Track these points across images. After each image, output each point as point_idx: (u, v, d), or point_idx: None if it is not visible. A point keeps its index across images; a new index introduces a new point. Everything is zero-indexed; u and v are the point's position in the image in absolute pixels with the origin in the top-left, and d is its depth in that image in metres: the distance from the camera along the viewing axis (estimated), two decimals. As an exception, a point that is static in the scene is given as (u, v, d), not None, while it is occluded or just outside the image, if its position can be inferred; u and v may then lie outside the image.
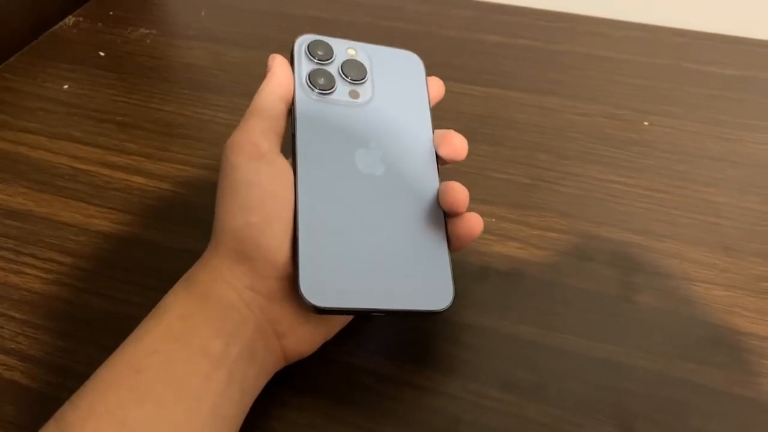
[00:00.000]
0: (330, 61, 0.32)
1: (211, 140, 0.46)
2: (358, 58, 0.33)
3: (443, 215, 0.30)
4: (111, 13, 0.59)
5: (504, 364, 0.33)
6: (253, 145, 0.29)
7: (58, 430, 0.24)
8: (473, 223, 0.30)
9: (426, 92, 0.33)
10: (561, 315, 0.35)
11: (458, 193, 0.30)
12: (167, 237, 0.39)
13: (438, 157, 0.32)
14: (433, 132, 0.32)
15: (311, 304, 0.27)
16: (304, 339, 0.29)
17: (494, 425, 0.30)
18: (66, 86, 0.51)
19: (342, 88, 0.32)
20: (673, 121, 0.48)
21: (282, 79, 0.31)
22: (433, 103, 0.34)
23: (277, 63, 0.31)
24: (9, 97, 0.50)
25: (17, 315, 0.35)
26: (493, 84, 0.51)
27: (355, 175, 0.30)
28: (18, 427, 0.30)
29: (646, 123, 0.47)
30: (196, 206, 0.41)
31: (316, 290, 0.27)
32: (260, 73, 0.30)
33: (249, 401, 0.28)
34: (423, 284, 0.29)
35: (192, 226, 0.39)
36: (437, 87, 0.34)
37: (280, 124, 0.30)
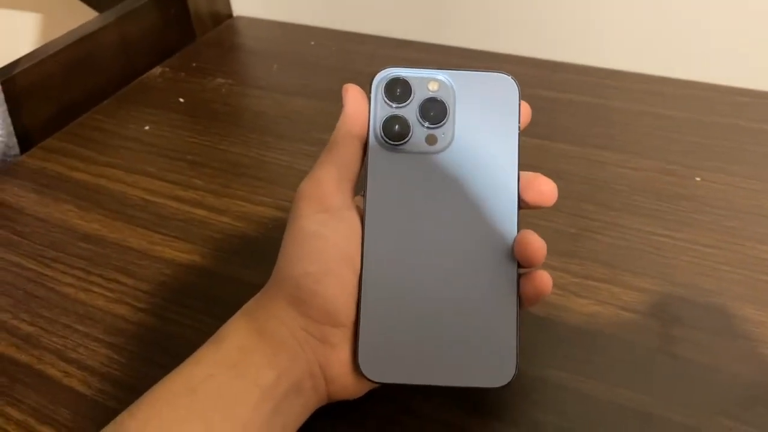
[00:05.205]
0: (407, 102, 0.30)
1: (271, 179, 0.49)
2: (440, 95, 0.30)
3: (516, 276, 0.29)
4: (194, 64, 0.65)
5: (531, 406, 0.33)
6: (323, 198, 0.29)
7: None
8: (541, 281, 0.29)
9: (516, 123, 0.30)
10: (594, 362, 0.35)
11: (534, 245, 0.28)
12: (221, 265, 0.42)
13: (521, 200, 0.30)
14: (519, 173, 0.30)
15: (367, 378, 0.28)
16: (350, 387, 0.30)
17: (516, 466, 0.30)
18: (147, 127, 0.56)
19: (418, 135, 0.30)
20: (728, 177, 0.47)
21: (356, 117, 0.30)
22: (521, 127, 0.31)
23: (350, 97, 0.30)
24: (97, 136, 0.55)
25: (81, 328, 0.38)
26: (544, 137, 0.52)
27: (424, 235, 0.29)
28: (71, 430, 0.33)
29: (698, 179, 0.47)
30: (250, 239, 0.44)
31: (373, 365, 0.28)
32: (322, 122, 0.31)
33: None
34: (485, 359, 0.29)
35: (246, 256, 0.42)
36: (525, 113, 0.31)
37: (355, 168, 0.30)
